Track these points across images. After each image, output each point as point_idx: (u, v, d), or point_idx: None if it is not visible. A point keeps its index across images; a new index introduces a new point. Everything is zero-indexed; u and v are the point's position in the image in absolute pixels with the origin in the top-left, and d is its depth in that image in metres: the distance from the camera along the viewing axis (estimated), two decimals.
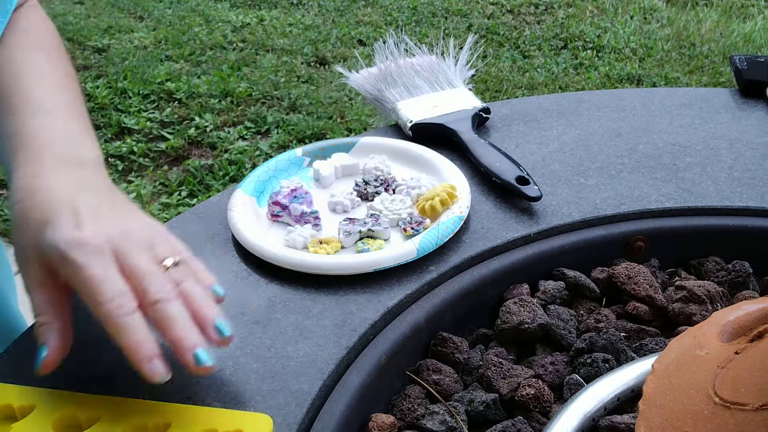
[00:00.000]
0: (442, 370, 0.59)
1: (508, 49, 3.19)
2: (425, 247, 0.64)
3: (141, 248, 0.52)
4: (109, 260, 0.50)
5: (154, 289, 0.50)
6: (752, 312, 0.46)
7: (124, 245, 0.51)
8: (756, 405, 0.39)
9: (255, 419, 0.50)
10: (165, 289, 0.50)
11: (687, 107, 0.88)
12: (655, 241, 0.69)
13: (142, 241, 0.52)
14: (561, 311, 0.63)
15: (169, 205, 2.20)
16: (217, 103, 2.71)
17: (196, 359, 0.48)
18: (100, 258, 0.49)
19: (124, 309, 0.48)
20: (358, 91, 0.90)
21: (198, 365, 0.48)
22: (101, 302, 0.48)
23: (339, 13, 3.50)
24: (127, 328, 0.48)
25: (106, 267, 0.49)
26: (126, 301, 0.48)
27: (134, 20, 3.40)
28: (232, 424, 0.50)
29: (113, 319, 0.48)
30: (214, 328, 0.50)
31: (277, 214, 0.70)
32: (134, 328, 0.48)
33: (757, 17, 3.46)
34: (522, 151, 0.79)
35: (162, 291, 0.50)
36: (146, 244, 0.52)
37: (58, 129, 0.59)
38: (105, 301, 0.48)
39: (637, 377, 0.54)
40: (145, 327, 0.48)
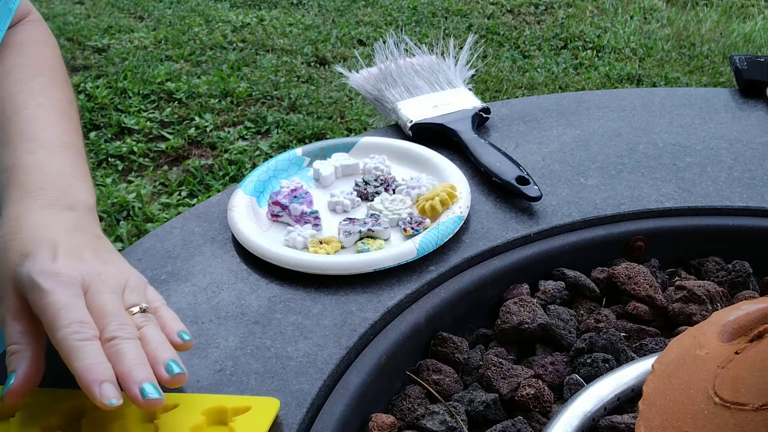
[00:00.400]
0: (442, 370, 0.59)
1: (508, 49, 3.19)
2: (425, 247, 0.64)
3: (111, 290, 0.51)
4: (76, 292, 0.49)
5: (112, 327, 0.49)
6: (752, 312, 0.46)
7: (94, 284, 0.51)
8: (756, 405, 0.39)
9: (263, 401, 0.51)
10: (124, 329, 0.49)
11: (687, 107, 0.88)
12: (655, 241, 0.69)
13: (114, 283, 0.52)
14: (561, 311, 0.63)
15: (169, 205, 2.20)
16: (217, 103, 2.71)
17: (142, 392, 0.46)
18: (68, 288, 0.49)
19: (81, 335, 0.47)
20: (358, 91, 0.90)
21: (144, 398, 0.46)
22: (58, 327, 0.47)
23: (339, 13, 3.50)
24: (79, 351, 0.46)
25: (72, 297, 0.49)
26: (85, 329, 0.47)
27: (134, 20, 3.40)
28: (240, 403, 0.51)
29: (67, 342, 0.47)
30: (164, 365, 0.49)
31: (277, 214, 0.70)
32: (87, 352, 0.46)
33: (757, 17, 3.46)
34: (522, 151, 0.80)
35: (120, 330, 0.49)
36: (117, 288, 0.52)
37: (53, 170, 0.58)
38: (62, 326, 0.47)
39: (637, 377, 0.54)
40: (99, 353, 0.47)
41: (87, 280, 0.51)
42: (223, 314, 0.60)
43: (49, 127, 0.61)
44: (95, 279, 0.51)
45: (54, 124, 0.62)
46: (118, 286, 0.52)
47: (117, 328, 0.49)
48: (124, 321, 0.49)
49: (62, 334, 0.47)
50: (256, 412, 0.50)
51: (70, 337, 0.47)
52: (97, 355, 0.47)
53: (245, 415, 0.50)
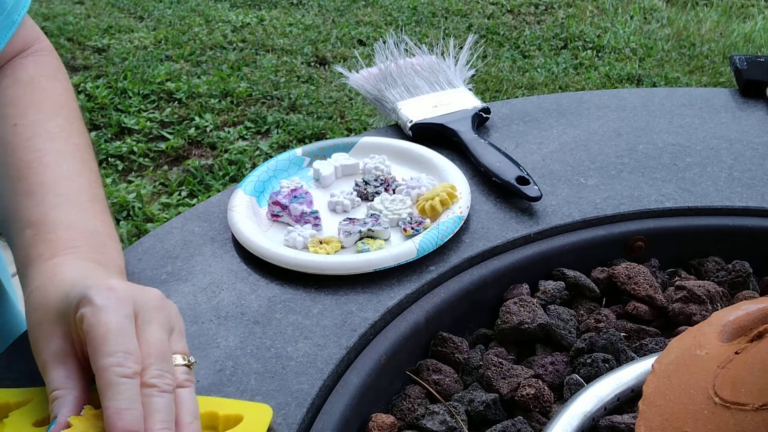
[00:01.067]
0: (442, 370, 0.59)
1: (508, 49, 3.19)
2: (425, 247, 0.64)
3: (161, 324, 0.48)
4: (128, 313, 0.46)
5: (154, 372, 0.45)
6: (752, 312, 0.46)
7: (145, 311, 0.47)
8: (756, 405, 0.39)
9: (255, 408, 0.51)
10: (164, 378, 0.46)
11: (687, 107, 0.88)
12: (655, 241, 0.69)
13: (164, 319, 0.48)
14: (561, 311, 0.63)
15: (169, 205, 2.20)
16: (217, 103, 2.71)
17: None
18: (121, 308, 0.46)
19: (123, 370, 0.44)
20: (358, 91, 0.90)
21: None
22: (103, 353, 0.44)
23: (339, 13, 3.50)
24: (117, 389, 0.43)
25: (123, 318, 0.46)
26: (129, 363, 0.44)
27: (134, 20, 3.40)
28: (232, 410, 0.50)
29: (106, 375, 0.44)
30: None
31: (277, 214, 0.70)
32: (124, 392, 0.43)
33: (757, 17, 3.46)
34: (522, 151, 0.79)
35: (160, 378, 0.45)
36: (167, 324, 0.49)
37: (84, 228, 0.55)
38: (106, 353, 0.44)
39: (637, 377, 0.54)
40: (135, 397, 0.44)
41: (139, 304, 0.47)
42: (223, 314, 0.60)
43: (72, 177, 0.58)
44: (147, 305, 0.48)
45: (76, 174, 0.58)
46: (167, 323, 0.49)
47: (159, 374, 0.45)
48: (167, 368, 0.46)
49: (104, 363, 0.44)
50: (249, 424, 0.49)
51: (111, 369, 0.44)
52: (132, 399, 0.44)
53: (238, 427, 0.49)
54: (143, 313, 0.47)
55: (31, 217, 0.55)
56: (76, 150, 0.60)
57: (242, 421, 0.50)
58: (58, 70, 0.68)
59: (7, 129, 0.60)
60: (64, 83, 0.67)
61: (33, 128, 0.60)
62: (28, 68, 0.65)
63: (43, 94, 0.63)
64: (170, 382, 0.46)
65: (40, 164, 0.57)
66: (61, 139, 0.60)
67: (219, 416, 0.50)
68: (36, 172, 0.57)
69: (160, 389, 0.45)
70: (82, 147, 0.61)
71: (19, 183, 0.57)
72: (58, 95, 0.64)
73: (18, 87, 0.63)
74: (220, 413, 0.50)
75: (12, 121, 0.60)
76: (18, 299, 0.80)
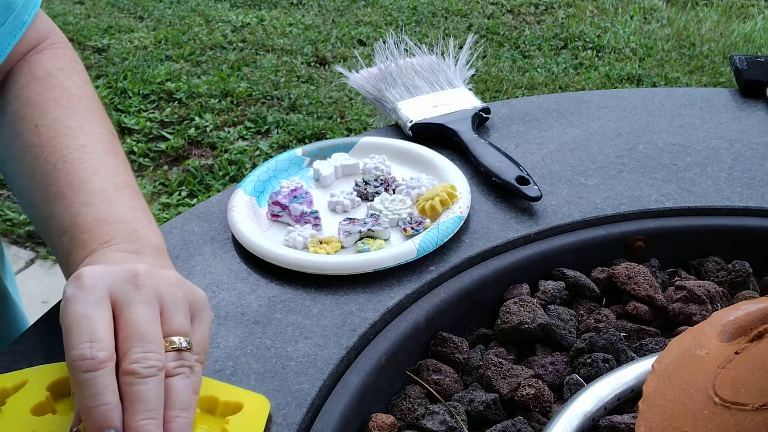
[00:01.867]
0: (442, 370, 0.59)
1: (508, 49, 3.19)
2: (425, 247, 0.64)
3: (145, 299, 0.44)
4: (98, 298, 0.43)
5: (137, 354, 0.42)
6: (752, 312, 0.46)
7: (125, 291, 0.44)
8: (756, 405, 0.39)
9: (255, 398, 0.51)
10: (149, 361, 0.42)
11: (687, 107, 0.88)
12: (655, 241, 0.69)
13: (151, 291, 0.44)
14: (561, 311, 0.63)
15: (169, 205, 2.20)
16: (217, 103, 2.71)
17: None
18: (89, 295, 0.43)
19: (86, 363, 0.41)
20: (358, 91, 0.90)
21: None
22: (68, 347, 0.42)
23: (339, 13, 3.50)
24: (84, 386, 0.41)
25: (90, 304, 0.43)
26: (93, 352, 0.41)
27: (134, 20, 3.40)
28: (232, 397, 0.50)
29: (72, 372, 0.41)
30: None
31: (277, 214, 0.70)
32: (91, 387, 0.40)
33: (757, 17, 3.46)
34: (522, 151, 0.79)
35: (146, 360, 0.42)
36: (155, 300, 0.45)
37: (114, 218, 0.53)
38: (71, 345, 0.41)
39: (637, 377, 0.54)
40: (106, 388, 0.41)
41: (115, 285, 0.44)
42: (223, 314, 0.60)
43: (98, 171, 0.56)
44: (127, 284, 0.44)
45: (102, 165, 0.57)
46: (153, 297, 0.45)
47: (139, 357, 0.42)
48: (149, 349, 0.42)
49: (69, 357, 0.41)
50: (248, 413, 0.49)
51: (75, 364, 0.41)
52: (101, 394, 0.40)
53: (239, 415, 0.49)
54: (121, 294, 0.44)
55: (65, 222, 0.54)
56: (99, 140, 0.60)
57: (242, 409, 0.50)
58: (75, 61, 0.67)
59: (30, 131, 0.59)
60: (81, 75, 0.66)
61: (54, 127, 0.59)
62: (44, 63, 0.65)
63: (60, 89, 0.63)
64: (155, 364, 0.42)
65: (65, 164, 0.56)
66: (83, 133, 0.59)
67: (219, 402, 0.50)
68: (64, 173, 0.56)
69: (140, 375, 0.41)
70: (105, 136, 0.60)
71: (50, 188, 0.56)
72: (76, 88, 0.64)
73: (35, 84, 0.63)
74: (220, 399, 0.50)
75: (33, 122, 0.60)
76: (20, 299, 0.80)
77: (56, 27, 0.69)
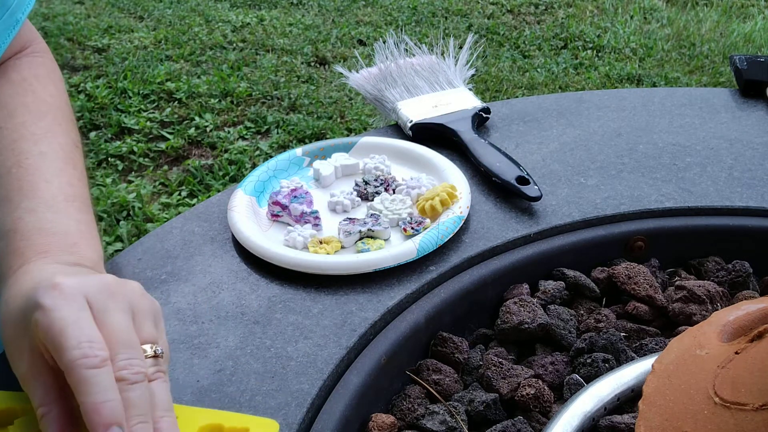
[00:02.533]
0: (442, 370, 0.59)
1: (508, 49, 3.19)
2: (425, 247, 0.64)
3: (121, 308, 0.46)
4: (81, 305, 0.44)
5: (123, 360, 0.43)
6: (752, 312, 0.46)
7: (100, 300, 0.45)
8: (756, 405, 0.39)
9: (262, 423, 0.50)
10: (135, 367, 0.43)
11: (687, 107, 0.88)
12: (655, 241, 0.69)
13: (123, 302, 0.46)
14: (561, 311, 0.63)
15: (169, 205, 2.20)
16: (217, 103, 2.71)
17: None
18: (72, 302, 0.44)
19: (91, 360, 0.42)
20: (358, 91, 0.90)
21: None
22: (65, 348, 0.42)
23: (339, 13, 3.50)
24: (90, 382, 0.41)
25: (77, 311, 0.44)
26: (95, 351, 0.42)
27: (134, 20, 3.40)
28: (238, 423, 0.49)
29: (75, 370, 0.41)
30: None
31: (277, 214, 0.70)
32: (97, 384, 0.41)
33: (757, 17, 3.46)
34: (522, 151, 0.80)
35: (132, 366, 0.43)
36: (127, 308, 0.46)
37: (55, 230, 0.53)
38: (69, 347, 0.42)
39: (637, 377, 0.54)
40: (111, 384, 0.42)
41: (91, 294, 0.45)
42: (223, 314, 0.60)
43: (51, 180, 0.56)
44: (100, 294, 0.46)
45: (57, 174, 0.57)
46: (127, 305, 0.46)
47: (126, 364, 0.43)
48: (134, 355, 0.44)
49: (70, 357, 0.42)
50: None
51: (79, 362, 0.42)
52: (107, 390, 0.41)
53: None
54: (97, 303, 0.45)
55: (5, 225, 0.54)
56: (60, 149, 0.60)
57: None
58: (53, 71, 0.67)
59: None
60: (57, 85, 0.66)
61: (18, 131, 0.59)
62: (22, 69, 0.65)
63: (33, 95, 0.63)
64: (140, 370, 0.44)
65: (19, 169, 0.57)
66: (45, 141, 0.59)
67: (224, 429, 0.49)
68: (15, 177, 0.56)
69: (129, 381, 0.43)
70: (67, 146, 0.61)
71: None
72: (48, 96, 0.64)
73: (8, 88, 0.63)
74: (225, 425, 0.49)
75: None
76: None
77: (39, 36, 0.69)
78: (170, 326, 0.59)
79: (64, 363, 0.42)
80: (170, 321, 0.59)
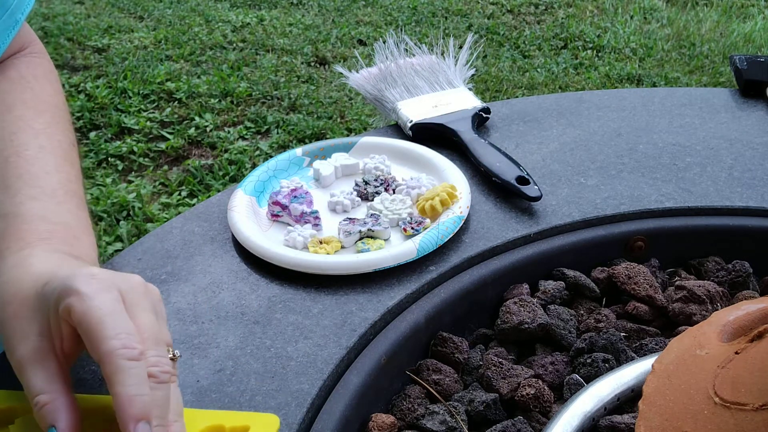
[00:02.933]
0: (442, 370, 0.59)
1: (508, 49, 3.19)
2: (425, 247, 0.64)
3: (150, 308, 0.46)
4: (116, 297, 0.45)
5: (154, 357, 0.43)
6: (752, 312, 0.46)
7: (131, 296, 0.46)
8: (756, 405, 0.39)
9: (262, 418, 0.50)
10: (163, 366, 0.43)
11: (687, 107, 0.88)
12: (655, 241, 0.69)
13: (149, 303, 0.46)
14: (561, 311, 0.63)
15: (169, 205, 2.20)
16: (217, 103, 2.71)
17: None
18: (108, 292, 0.44)
19: (130, 352, 0.42)
20: (358, 91, 0.90)
21: None
22: (104, 337, 0.42)
23: (339, 13, 3.50)
24: (127, 373, 0.41)
25: (114, 302, 0.44)
26: (134, 343, 0.42)
27: (134, 20, 3.40)
28: (238, 421, 0.49)
29: (114, 359, 0.42)
30: None
31: (277, 214, 0.70)
32: (135, 377, 0.42)
33: (757, 17, 3.46)
34: (522, 151, 0.80)
35: (160, 364, 0.43)
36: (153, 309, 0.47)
37: (58, 221, 0.54)
38: (108, 336, 0.42)
39: (637, 377, 0.54)
40: (145, 381, 0.42)
41: (123, 289, 0.45)
42: (223, 314, 0.60)
43: (51, 172, 0.57)
44: (132, 290, 0.46)
45: (56, 169, 0.58)
46: (152, 306, 0.47)
47: (156, 361, 0.43)
48: (162, 353, 0.44)
49: (109, 347, 0.42)
50: None
51: (119, 352, 0.42)
52: (142, 384, 0.42)
53: None
54: (129, 297, 0.45)
55: (6, 209, 0.54)
56: (59, 146, 0.60)
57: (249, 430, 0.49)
58: (50, 72, 0.68)
59: None
60: (54, 85, 0.67)
61: (17, 124, 0.60)
62: (20, 68, 0.65)
63: (31, 93, 0.63)
64: (168, 370, 0.44)
65: (19, 158, 0.57)
66: (44, 135, 0.60)
67: (225, 429, 0.49)
68: (15, 166, 0.56)
69: (158, 380, 0.43)
70: (66, 144, 0.61)
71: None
72: (46, 95, 0.64)
73: (7, 84, 0.63)
74: (226, 426, 0.49)
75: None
76: None
77: (36, 37, 0.69)
78: (170, 326, 0.59)
79: (103, 351, 0.42)
80: (170, 321, 0.59)
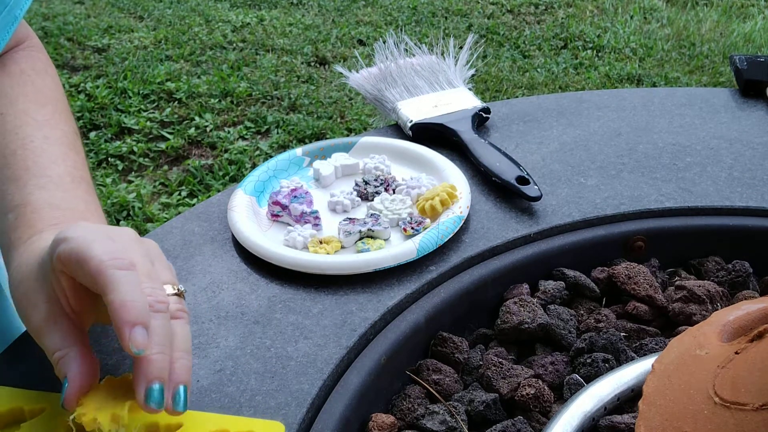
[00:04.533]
0: (442, 370, 0.59)
1: (508, 49, 3.19)
2: (425, 247, 0.64)
3: (142, 253, 0.47)
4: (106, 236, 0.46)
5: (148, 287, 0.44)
6: (752, 312, 0.46)
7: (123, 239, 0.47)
8: (756, 405, 0.39)
9: (267, 425, 0.50)
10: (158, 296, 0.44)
11: (687, 107, 0.88)
12: (655, 241, 0.69)
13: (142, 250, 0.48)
14: (561, 311, 0.63)
15: (169, 205, 2.20)
16: (217, 103, 2.71)
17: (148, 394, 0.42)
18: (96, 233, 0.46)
19: (119, 262, 0.43)
20: (358, 91, 0.90)
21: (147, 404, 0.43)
22: (93, 257, 0.43)
23: (339, 13, 3.50)
24: (119, 281, 0.42)
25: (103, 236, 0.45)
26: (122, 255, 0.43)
27: (134, 20, 3.40)
28: (244, 427, 0.49)
29: (105, 272, 0.43)
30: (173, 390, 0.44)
31: (277, 214, 0.70)
32: (126, 284, 0.42)
33: (757, 17, 3.46)
34: (522, 151, 0.79)
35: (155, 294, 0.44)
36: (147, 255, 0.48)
37: (66, 206, 0.55)
38: (97, 255, 0.43)
39: (637, 377, 0.54)
40: (137, 287, 0.43)
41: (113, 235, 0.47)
42: (223, 314, 0.60)
43: (57, 161, 0.58)
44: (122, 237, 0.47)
45: (62, 157, 0.59)
46: (146, 252, 0.48)
47: (151, 292, 0.44)
48: (158, 287, 0.45)
49: (98, 260, 0.43)
50: None
51: (108, 263, 0.43)
52: (135, 291, 0.42)
53: None
54: (120, 242, 0.46)
55: (14, 200, 0.55)
56: (63, 136, 0.61)
57: None
58: (49, 65, 0.69)
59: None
60: (54, 79, 0.68)
61: (20, 117, 0.61)
62: (19, 62, 0.66)
63: (32, 86, 0.64)
64: (163, 300, 0.45)
65: (25, 150, 0.58)
66: (48, 126, 0.61)
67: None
68: (21, 158, 0.57)
69: (153, 309, 0.43)
70: (69, 133, 0.62)
71: (5, 170, 0.57)
72: (47, 89, 0.65)
73: (7, 78, 0.64)
74: (231, 431, 0.49)
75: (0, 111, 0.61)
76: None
77: (33, 33, 0.70)
78: None
79: (93, 267, 0.43)
80: None
